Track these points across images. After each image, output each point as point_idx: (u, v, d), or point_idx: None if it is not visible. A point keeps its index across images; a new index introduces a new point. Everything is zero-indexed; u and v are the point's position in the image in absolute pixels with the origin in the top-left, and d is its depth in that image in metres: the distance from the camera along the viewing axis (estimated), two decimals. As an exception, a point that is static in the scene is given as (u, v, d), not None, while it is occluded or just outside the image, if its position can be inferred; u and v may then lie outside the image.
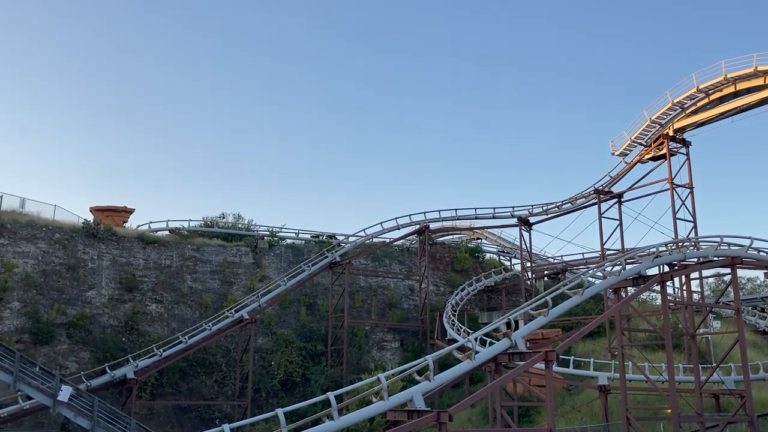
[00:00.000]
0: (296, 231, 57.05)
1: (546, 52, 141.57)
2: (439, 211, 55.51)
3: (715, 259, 29.14)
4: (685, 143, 44.00)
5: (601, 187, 47.66)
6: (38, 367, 30.97)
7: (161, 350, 38.88)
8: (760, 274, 58.17)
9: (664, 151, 43.61)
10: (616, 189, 47.49)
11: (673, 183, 42.67)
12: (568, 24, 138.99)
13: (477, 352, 22.23)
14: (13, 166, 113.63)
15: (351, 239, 53.87)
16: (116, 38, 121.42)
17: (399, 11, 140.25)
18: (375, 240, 54.74)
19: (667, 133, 43.79)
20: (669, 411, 26.60)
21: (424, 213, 54.99)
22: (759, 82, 38.95)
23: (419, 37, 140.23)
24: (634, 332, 39.45)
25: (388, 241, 55.54)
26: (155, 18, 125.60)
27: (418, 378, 21.20)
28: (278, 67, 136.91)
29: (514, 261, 63.05)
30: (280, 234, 55.79)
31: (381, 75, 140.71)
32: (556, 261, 58.63)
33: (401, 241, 56.46)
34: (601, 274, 28.20)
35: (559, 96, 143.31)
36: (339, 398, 20.21)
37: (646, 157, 45.24)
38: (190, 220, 55.34)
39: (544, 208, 52.33)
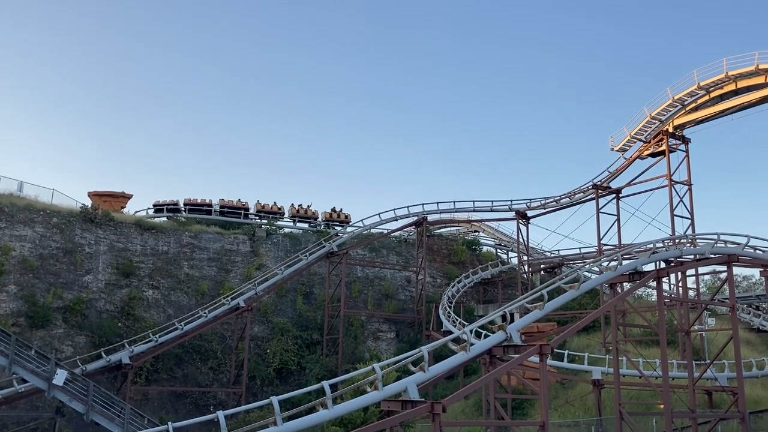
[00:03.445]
0: (294, 220, 57.01)
1: (547, 46, 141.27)
2: (437, 203, 55.58)
3: (712, 256, 29.15)
4: (685, 140, 43.98)
5: (599, 183, 47.65)
6: (34, 351, 31.02)
7: (157, 336, 38.89)
8: (755, 272, 58.38)
9: (664, 147, 43.57)
10: (614, 184, 47.51)
11: (671, 180, 42.67)
12: (569, 19, 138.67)
13: (472, 344, 22.26)
14: (12, 149, 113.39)
15: (348, 230, 53.88)
16: (115, 22, 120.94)
17: None
18: (373, 231, 54.80)
19: (667, 129, 43.76)
20: (662, 406, 26.72)
21: (422, 205, 55.02)
22: (760, 80, 38.90)
23: (419, 29, 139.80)
24: (629, 327, 39.45)
25: (385, 232, 55.58)
26: (155, 4, 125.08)
27: (412, 369, 21.24)
28: (278, 56, 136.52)
29: (511, 254, 63.17)
30: (278, 223, 55.81)
31: (382, 66, 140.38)
32: (552, 255, 58.68)
33: (399, 232, 56.50)
34: (597, 269, 28.29)
35: (559, 91, 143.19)
36: (334, 387, 20.21)
37: (645, 153, 45.22)
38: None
39: (542, 202, 52.36)
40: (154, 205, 55.32)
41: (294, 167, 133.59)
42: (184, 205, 55.23)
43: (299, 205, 58.09)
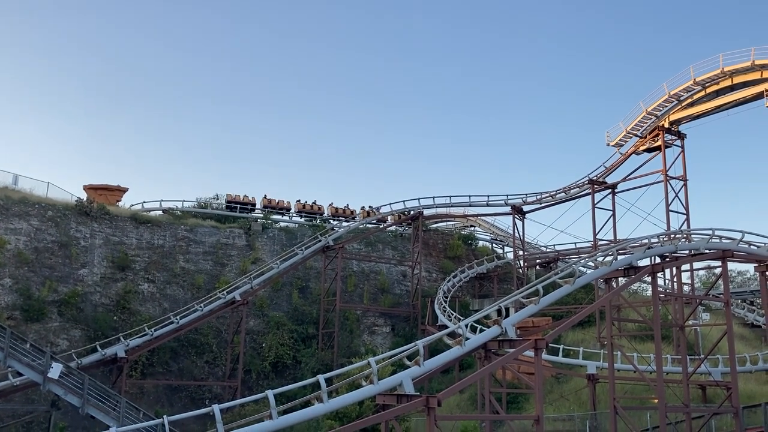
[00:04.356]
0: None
1: (544, 41, 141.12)
2: (433, 197, 55.66)
3: (707, 251, 29.21)
4: (680, 135, 44.06)
5: (595, 178, 47.71)
6: (29, 344, 30.96)
7: (152, 330, 38.92)
8: (750, 267, 58.51)
9: (659, 142, 43.63)
10: (610, 180, 47.58)
11: (667, 175, 42.75)
12: (567, 13, 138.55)
13: (467, 339, 22.29)
14: (6, 142, 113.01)
15: (344, 224, 53.87)
16: (112, 16, 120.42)
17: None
18: (369, 225, 54.80)
19: (663, 125, 43.82)
20: (656, 401, 26.80)
21: (418, 199, 55.11)
22: (756, 76, 38.94)
23: (415, 23, 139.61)
24: (624, 322, 39.65)
25: (381, 226, 55.57)
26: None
27: (408, 363, 21.27)
28: (273, 51, 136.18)
29: (506, 249, 63.26)
30: (274, 217, 55.79)
31: (378, 61, 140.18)
32: (548, 250, 58.81)
33: (395, 226, 56.48)
34: (592, 264, 28.27)
35: (556, 85, 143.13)
36: (329, 381, 20.26)
37: (641, 148, 45.28)
38: (184, 201, 55.42)
39: (538, 197, 52.43)
40: (227, 202, 55.49)
41: (288, 163, 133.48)
42: (264, 207, 55.46)
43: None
